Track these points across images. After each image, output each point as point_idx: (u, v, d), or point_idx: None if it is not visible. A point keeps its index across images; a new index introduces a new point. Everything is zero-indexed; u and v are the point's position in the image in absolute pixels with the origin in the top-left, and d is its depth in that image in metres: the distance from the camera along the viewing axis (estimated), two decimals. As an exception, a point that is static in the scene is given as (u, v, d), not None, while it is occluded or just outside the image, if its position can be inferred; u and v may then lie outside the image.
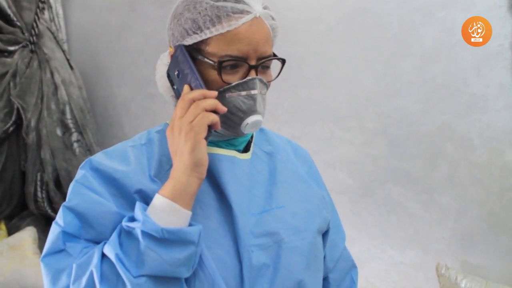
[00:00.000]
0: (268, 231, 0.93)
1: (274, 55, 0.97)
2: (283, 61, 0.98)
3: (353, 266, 1.25)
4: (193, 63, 0.90)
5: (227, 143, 1.00)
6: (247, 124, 0.90)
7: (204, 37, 0.89)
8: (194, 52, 0.91)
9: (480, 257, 1.96)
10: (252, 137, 1.08)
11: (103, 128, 3.34)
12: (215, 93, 0.86)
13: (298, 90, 2.38)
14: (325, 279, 1.17)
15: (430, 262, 2.06)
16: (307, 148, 2.31)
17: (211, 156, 0.93)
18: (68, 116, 2.92)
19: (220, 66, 0.87)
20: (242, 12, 0.88)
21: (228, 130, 0.94)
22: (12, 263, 2.37)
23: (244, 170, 0.98)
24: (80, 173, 0.90)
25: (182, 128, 0.82)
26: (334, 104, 2.27)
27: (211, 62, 0.88)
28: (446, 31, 1.92)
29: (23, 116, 2.80)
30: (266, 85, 0.94)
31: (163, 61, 1.00)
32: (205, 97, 0.84)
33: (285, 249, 0.94)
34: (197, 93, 0.84)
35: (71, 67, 3.06)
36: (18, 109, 2.80)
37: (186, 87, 0.89)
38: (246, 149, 1.04)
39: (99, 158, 0.92)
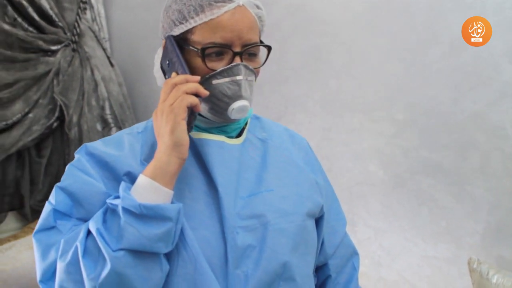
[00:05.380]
0: (255, 214, 0.95)
1: (262, 42, 0.98)
2: (269, 48, 0.99)
3: (355, 253, 1.24)
4: (180, 52, 0.94)
5: (219, 130, 1.02)
6: (233, 109, 0.93)
7: (189, 26, 0.93)
8: (182, 41, 0.95)
9: (515, 251, 1.88)
10: (246, 124, 1.09)
11: (144, 124, 3.42)
12: (197, 77, 0.89)
13: (327, 81, 2.36)
14: (325, 265, 1.18)
15: (463, 257, 2.00)
16: (338, 139, 2.31)
17: (200, 141, 0.98)
18: (108, 111, 3.02)
19: (204, 53, 0.90)
20: (224, 1, 0.92)
21: (216, 116, 0.97)
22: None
23: (233, 154, 1.00)
24: (75, 157, 0.96)
25: (163, 111, 0.86)
26: (363, 95, 2.24)
27: (195, 49, 0.91)
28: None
29: (65, 113, 2.91)
30: (253, 71, 0.96)
31: (159, 55, 1.03)
32: (188, 82, 0.87)
33: (271, 231, 0.95)
34: (179, 78, 0.88)
35: (112, 65, 3.16)
36: (61, 106, 2.92)
37: (173, 74, 0.92)
38: (239, 136, 1.06)
39: (95, 144, 0.98)
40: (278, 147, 1.12)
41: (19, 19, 2.81)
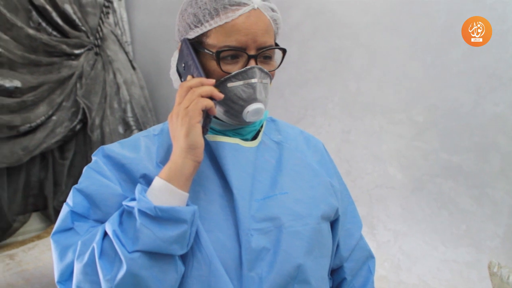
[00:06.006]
0: (269, 216, 0.95)
1: (277, 45, 0.98)
2: (284, 51, 0.99)
3: (370, 256, 1.23)
4: (196, 55, 0.94)
5: (234, 132, 1.03)
6: (248, 112, 0.93)
7: (204, 30, 0.93)
8: (197, 45, 0.95)
9: (537, 255, 1.85)
10: (262, 126, 1.10)
11: (165, 126, 3.47)
12: (212, 81, 0.89)
13: (347, 84, 2.35)
14: (340, 268, 1.17)
15: (483, 260, 1.97)
16: (358, 142, 2.31)
17: (215, 143, 0.98)
18: (129, 114, 3.07)
19: (219, 56, 0.91)
20: (239, 4, 0.91)
21: (231, 118, 0.97)
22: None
23: (248, 157, 1.00)
24: (93, 159, 0.97)
25: (179, 114, 0.86)
26: (382, 97, 2.23)
27: (210, 52, 0.92)
28: (496, 18, 1.82)
29: (88, 115, 2.96)
30: (268, 74, 0.96)
31: (175, 58, 1.04)
32: (203, 85, 0.88)
33: (286, 234, 0.95)
34: (195, 81, 0.88)
35: (134, 68, 3.21)
36: (83, 109, 2.97)
37: (188, 77, 0.93)
38: (255, 139, 1.06)
39: (112, 146, 0.99)
40: (293, 150, 1.11)
41: (43, 24, 2.87)
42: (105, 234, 0.83)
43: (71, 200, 0.90)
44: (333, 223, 1.13)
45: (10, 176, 2.78)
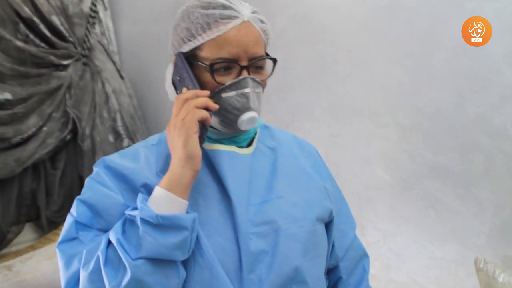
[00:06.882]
0: (267, 220, 1.00)
1: (268, 55, 1.03)
2: (274, 61, 1.04)
3: (365, 255, 1.28)
4: (190, 68, 0.99)
5: (230, 140, 1.07)
6: (242, 120, 0.98)
7: (197, 43, 0.98)
8: (191, 58, 1.00)
9: (521, 251, 1.92)
10: (256, 133, 1.14)
11: (154, 134, 3.48)
12: (207, 92, 0.94)
13: (333, 89, 2.41)
14: (336, 268, 1.21)
15: (470, 257, 2.03)
16: (346, 145, 2.36)
17: (213, 152, 1.03)
18: (119, 123, 3.09)
19: (212, 68, 0.95)
20: (230, 17, 0.96)
21: (227, 127, 1.02)
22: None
23: (244, 163, 1.05)
24: (94, 170, 1.01)
25: (176, 125, 0.91)
26: (368, 101, 2.28)
27: (203, 65, 0.96)
28: (476, 23, 1.89)
29: (78, 125, 2.99)
30: (260, 83, 1.01)
31: (170, 71, 1.08)
32: (198, 97, 0.92)
33: (283, 236, 0.99)
34: (190, 93, 0.93)
35: (122, 77, 3.23)
36: (73, 119, 2.99)
37: (184, 90, 0.97)
38: (250, 145, 1.11)
39: (113, 157, 1.04)
40: (287, 155, 1.16)
41: (31, 36, 2.88)
42: (109, 242, 0.86)
43: (75, 210, 0.94)
44: (328, 224, 1.17)
45: (3, 188, 2.79)
